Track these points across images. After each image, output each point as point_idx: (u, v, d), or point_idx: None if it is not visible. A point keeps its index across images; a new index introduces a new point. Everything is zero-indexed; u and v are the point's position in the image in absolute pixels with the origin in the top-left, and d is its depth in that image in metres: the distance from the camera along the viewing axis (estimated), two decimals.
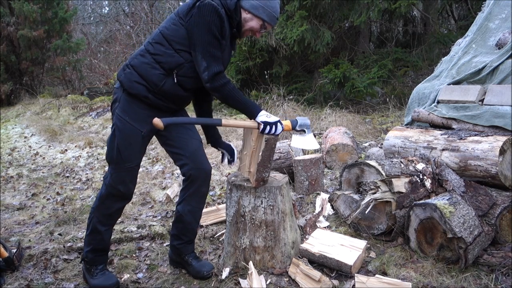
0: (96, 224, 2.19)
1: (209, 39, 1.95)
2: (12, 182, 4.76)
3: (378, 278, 1.96)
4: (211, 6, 1.94)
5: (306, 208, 3.13)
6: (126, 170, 2.11)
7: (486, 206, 2.32)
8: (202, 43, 1.95)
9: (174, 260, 2.41)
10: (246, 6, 2.06)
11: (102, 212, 2.18)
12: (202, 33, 1.95)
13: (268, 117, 2.02)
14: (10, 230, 3.16)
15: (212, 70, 1.96)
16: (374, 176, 2.54)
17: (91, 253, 2.23)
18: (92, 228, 2.21)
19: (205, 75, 1.96)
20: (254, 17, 2.08)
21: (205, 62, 1.96)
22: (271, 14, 2.10)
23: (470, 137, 2.55)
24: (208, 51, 1.96)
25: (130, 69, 2.07)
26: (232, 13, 2.05)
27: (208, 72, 1.96)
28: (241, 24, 2.11)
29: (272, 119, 2.02)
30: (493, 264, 2.13)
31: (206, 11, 1.93)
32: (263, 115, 2.02)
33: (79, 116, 8.52)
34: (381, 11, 6.85)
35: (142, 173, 4.69)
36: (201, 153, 2.24)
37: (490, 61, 2.92)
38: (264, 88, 7.14)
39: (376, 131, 5.43)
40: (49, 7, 11.18)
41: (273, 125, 2.01)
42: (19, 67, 11.26)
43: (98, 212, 2.18)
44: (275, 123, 2.01)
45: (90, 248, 2.23)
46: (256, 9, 2.06)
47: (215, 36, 1.96)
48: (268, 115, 2.03)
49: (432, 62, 7.29)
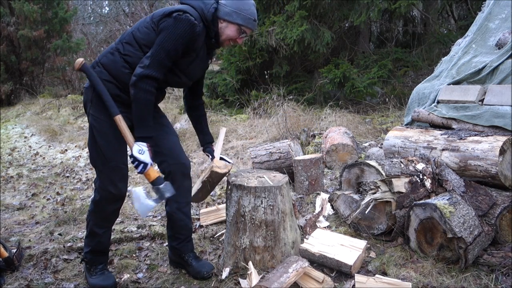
0: (93, 227, 2.21)
1: (168, 48, 1.95)
2: (12, 182, 4.76)
3: (378, 278, 1.96)
4: (188, 22, 1.95)
5: (306, 208, 3.13)
6: (112, 169, 2.10)
7: (486, 206, 2.32)
8: (160, 47, 1.95)
9: (174, 261, 2.41)
10: (221, 15, 2.07)
11: (98, 215, 2.19)
12: (166, 40, 1.95)
13: (141, 153, 1.96)
14: (10, 230, 3.16)
15: (148, 71, 1.93)
16: (374, 176, 2.54)
17: (90, 254, 2.26)
18: (89, 231, 2.23)
19: (139, 70, 1.94)
20: (229, 24, 2.08)
21: (148, 61, 1.95)
22: (246, 17, 2.08)
23: (470, 137, 2.55)
24: (160, 56, 1.95)
25: (100, 67, 2.09)
26: (210, 24, 2.07)
27: (144, 70, 1.94)
28: (218, 34, 2.12)
29: (143, 157, 1.95)
30: (493, 264, 2.13)
31: (181, 25, 1.95)
32: (139, 148, 1.95)
33: (79, 116, 8.51)
34: (381, 11, 6.84)
35: None
36: (178, 148, 2.26)
37: (490, 61, 2.92)
38: (264, 88, 7.14)
39: (376, 131, 5.43)
40: (49, 7, 11.17)
41: (139, 163, 1.95)
42: (19, 67, 11.25)
43: (94, 216, 2.20)
44: (142, 163, 1.95)
45: (89, 250, 2.25)
46: (229, 16, 2.06)
47: (176, 50, 1.97)
48: (143, 150, 1.96)
49: (432, 62, 7.29)
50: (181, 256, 2.33)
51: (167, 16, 1.99)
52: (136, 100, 1.96)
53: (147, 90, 1.95)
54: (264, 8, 7.33)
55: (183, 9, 2.00)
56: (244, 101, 7.16)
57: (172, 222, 2.32)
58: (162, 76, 1.99)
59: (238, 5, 2.06)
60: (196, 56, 2.09)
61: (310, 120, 5.80)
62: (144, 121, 1.98)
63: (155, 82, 1.97)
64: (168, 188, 2.02)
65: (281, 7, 7.20)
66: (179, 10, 1.98)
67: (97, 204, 2.16)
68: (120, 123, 2.00)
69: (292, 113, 5.93)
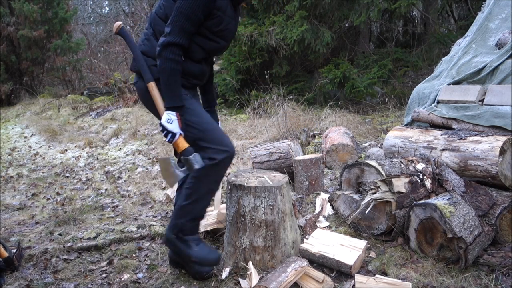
0: (206, 193, 2.11)
1: (187, 12, 1.89)
2: (12, 182, 4.76)
3: (378, 278, 1.96)
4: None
5: (306, 208, 3.13)
6: (213, 131, 2.06)
7: (486, 206, 2.32)
8: (178, 12, 1.90)
9: (174, 260, 2.39)
10: None
11: (212, 178, 2.09)
12: (184, 4, 1.90)
13: (170, 122, 1.93)
14: (10, 230, 3.16)
15: (170, 38, 1.90)
16: (374, 176, 2.54)
17: (190, 222, 2.13)
18: (198, 197, 2.09)
19: (162, 39, 1.91)
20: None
21: (169, 29, 1.91)
22: None
23: (470, 137, 2.55)
24: (180, 21, 1.90)
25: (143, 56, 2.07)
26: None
27: (166, 38, 1.90)
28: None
29: (171, 127, 1.93)
30: (493, 264, 2.13)
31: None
32: (167, 118, 1.93)
33: (79, 116, 8.52)
34: (381, 11, 6.84)
35: (142, 173, 4.69)
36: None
37: (490, 61, 2.92)
38: (264, 88, 7.14)
39: (376, 131, 5.43)
40: (49, 7, 11.17)
41: (168, 132, 1.93)
42: (19, 67, 11.25)
43: (207, 181, 2.07)
44: (171, 132, 1.93)
45: (189, 218, 2.12)
46: None
47: (195, 13, 1.90)
48: (171, 120, 1.93)
49: (432, 62, 7.29)
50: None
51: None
52: (162, 70, 1.92)
53: (172, 58, 1.91)
54: (264, 8, 7.33)
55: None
56: (244, 101, 7.16)
57: None
58: (186, 42, 1.94)
59: None
60: (223, 14, 2.01)
61: (310, 120, 5.80)
62: (172, 90, 1.95)
63: (179, 49, 1.92)
64: (197, 159, 1.97)
65: (281, 7, 7.19)
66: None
67: (213, 168, 2.03)
68: (153, 90, 1.99)
69: (292, 113, 5.93)
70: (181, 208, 2.12)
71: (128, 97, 8.98)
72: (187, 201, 2.10)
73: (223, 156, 2.03)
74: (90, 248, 2.72)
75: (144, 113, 7.58)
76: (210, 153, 2.02)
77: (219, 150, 2.03)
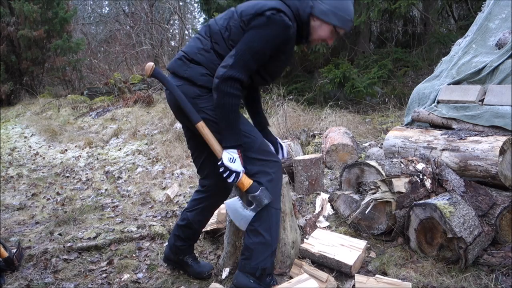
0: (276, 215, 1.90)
1: (257, 49, 1.77)
2: (12, 182, 4.76)
3: (378, 278, 1.96)
4: (283, 24, 1.76)
5: (306, 208, 3.13)
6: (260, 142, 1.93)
7: (486, 206, 2.32)
8: (247, 47, 1.77)
9: (170, 259, 2.34)
10: (316, 12, 1.86)
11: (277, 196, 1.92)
12: (255, 40, 1.77)
13: (232, 161, 1.79)
14: (10, 230, 3.16)
15: (232, 72, 1.75)
16: (374, 176, 2.54)
17: (271, 257, 1.90)
18: (270, 225, 1.88)
19: (222, 71, 1.77)
20: (323, 23, 1.87)
21: (232, 61, 1.77)
22: (343, 17, 1.87)
23: (470, 137, 2.55)
24: (245, 56, 1.76)
25: (195, 64, 1.92)
26: (304, 25, 1.88)
27: (227, 70, 1.76)
28: (309, 33, 1.92)
29: (235, 166, 1.79)
30: (493, 264, 2.13)
31: (274, 26, 1.76)
32: (229, 157, 1.78)
33: (79, 116, 8.52)
34: (381, 11, 6.84)
35: (142, 173, 4.69)
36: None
37: (490, 61, 2.92)
38: (264, 88, 7.14)
39: (376, 131, 5.43)
40: (49, 7, 11.17)
41: (231, 172, 1.79)
42: (19, 67, 11.25)
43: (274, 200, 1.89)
44: (235, 172, 1.79)
45: (269, 253, 1.89)
46: (325, 15, 1.85)
47: (264, 53, 1.79)
48: (234, 159, 1.79)
49: (432, 62, 7.29)
50: (181, 257, 2.29)
51: (259, 14, 1.79)
52: (220, 105, 1.77)
53: (232, 93, 1.75)
54: None
55: (277, 6, 1.79)
56: None
57: (188, 229, 2.21)
58: (246, 78, 1.80)
59: (336, 4, 1.85)
60: (286, 59, 1.93)
61: (310, 120, 5.80)
62: (232, 128, 1.79)
63: (239, 85, 1.78)
64: (265, 194, 1.84)
65: None
66: (273, 8, 1.78)
67: (273, 185, 1.88)
68: (204, 129, 1.84)
69: (292, 113, 5.94)
70: (257, 246, 1.86)
71: (128, 97, 8.98)
72: (261, 234, 1.86)
73: (275, 168, 1.91)
74: (90, 248, 2.72)
75: (144, 113, 7.58)
76: (259, 166, 1.87)
77: (269, 161, 1.90)
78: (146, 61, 13.58)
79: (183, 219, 2.22)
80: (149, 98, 8.37)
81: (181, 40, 14.23)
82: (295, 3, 1.85)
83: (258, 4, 1.83)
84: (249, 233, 1.87)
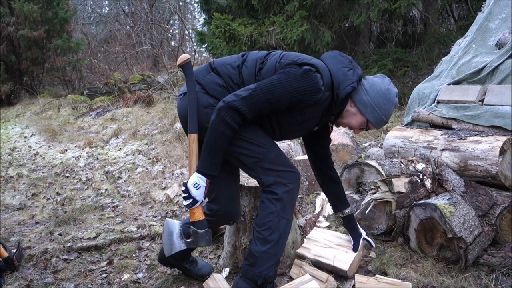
0: (286, 226, 1.82)
1: (275, 94, 1.66)
2: (12, 182, 4.76)
3: (378, 278, 1.96)
4: (314, 84, 1.66)
5: (306, 208, 3.13)
6: (275, 153, 1.82)
7: (486, 206, 2.32)
8: (267, 87, 1.67)
9: (166, 262, 2.28)
10: (355, 99, 1.78)
11: (289, 208, 1.83)
12: (279, 84, 1.67)
13: (196, 187, 1.69)
14: (10, 230, 3.16)
15: (239, 104, 1.65)
16: (374, 176, 2.54)
17: (274, 266, 1.84)
18: (280, 235, 1.81)
19: (230, 98, 1.68)
20: (358, 113, 1.79)
21: (245, 94, 1.68)
22: (380, 117, 1.78)
23: (470, 137, 2.55)
24: (260, 96, 1.66)
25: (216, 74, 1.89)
26: (339, 102, 1.78)
27: (235, 100, 1.66)
28: (341, 113, 1.83)
29: (196, 193, 1.70)
30: (493, 264, 2.13)
31: (305, 81, 1.66)
32: (195, 182, 1.69)
33: (79, 116, 8.52)
34: (381, 11, 6.84)
35: (142, 173, 4.69)
36: (237, 197, 2.06)
37: (490, 61, 2.92)
38: None
39: (376, 131, 5.43)
40: (49, 7, 11.18)
41: (189, 196, 1.71)
42: (19, 67, 11.26)
43: (284, 212, 1.79)
44: (192, 198, 1.71)
45: (273, 262, 1.82)
46: (364, 106, 1.77)
47: (280, 101, 1.67)
48: (199, 185, 1.69)
49: (432, 62, 7.28)
50: (178, 263, 2.24)
51: (297, 64, 1.71)
52: (213, 129, 1.67)
53: (229, 124, 1.66)
54: (264, 8, 7.33)
55: (319, 67, 1.71)
56: None
57: None
58: (251, 117, 1.70)
59: (379, 101, 1.76)
60: (301, 121, 1.81)
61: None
62: (212, 156, 1.70)
63: (240, 119, 1.67)
64: (207, 237, 1.77)
65: (281, 7, 7.19)
66: (313, 66, 1.70)
67: (289, 195, 1.80)
68: (192, 143, 1.78)
69: None
70: (262, 255, 1.79)
71: (128, 97, 8.98)
72: (268, 244, 1.79)
73: (292, 179, 1.81)
74: (90, 248, 2.72)
75: (144, 113, 7.58)
76: (275, 176, 1.78)
77: (285, 172, 1.80)
78: (146, 61, 13.62)
79: None
80: (149, 98, 8.37)
81: (181, 40, 14.24)
82: (339, 76, 1.75)
83: (302, 57, 1.77)
84: (256, 240, 1.81)
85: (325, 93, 1.72)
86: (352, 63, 1.82)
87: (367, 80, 1.82)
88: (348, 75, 1.76)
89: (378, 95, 1.77)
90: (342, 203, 2.16)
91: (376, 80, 1.81)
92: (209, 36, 8.21)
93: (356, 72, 1.79)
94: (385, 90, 1.78)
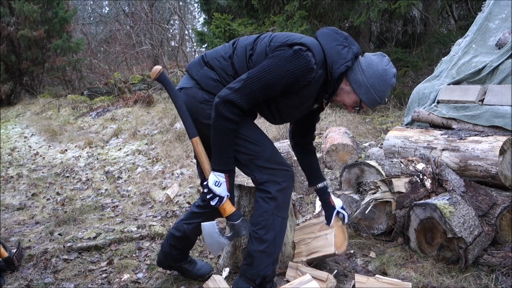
0: (281, 225, 1.84)
1: (268, 80, 1.65)
2: (12, 182, 4.76)
3: (378, 278, 1.96)
4: (305, 63, 1.64)
5: (306, 208, 3.13)
6: (270, 151, 1.82)
7: (486, 206, 2.32)
8: (259, 75, 1.66)
9: (165, 264, 2.27)
10: (350, 77, 1.75)
11: (284, 206, 1.84)
12: (270, 70, 1.65)
13: (218, 185, 1.71)
14: (10, 230, 3.16)
15: (234, 97, 1.65)
16: (374, 176, 2.54)
17: (272, 265, 1.86)
18: (276, 233, 1.82)
19: (225, 92, 1.68)
20: (352, 92, 1.76)
21: (239, 85, 1.67)
22: (374, 98, 1.75)
23: (470, 137, 2.55)
24: (254, 85, 1.65)
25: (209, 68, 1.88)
26: (333, 81, 1.74)
27: (230, 93, 1.66)
28: (335, 91, 1.80)
29: (219, 190, 1.71)
30: (493, 264, 2.13)
31: (296, 62, 1.64)
32: (215, 180, 1.71)
33: (79, 116, 8.52)
34: (381, 11, 6.84)
35: (142, 173, 4.69)
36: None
37: (490, 61, 2.92)
38: None
39: (376, 131, 5.43)
40: (49, 7, 11.19)
41: (214, 196, 1.72)
42: (19, 67, 11.26)
43: (278, 211, 1.80)
44: (218, 196, 1.72)
45: (271, 261, 1.84)
46: (358, 86, 1.74)
47: (275, 86, 1.66)
48: (220, 182, 1.71)
49: (432, 62, 7.29)
50: (178, 264, 2.23)
51: (287, 45, 1.68)
52: (215, 127, 1.68)
53: (229, 117, 1.66)
54: (264, 8, 7.34)
55: (310, 45, 1.67)
56: None
57: (185, 241, 2.14)
58: (248, 107, 1.69)
59: (375, 82, 1.72)
60: (299, 102, 1.80)
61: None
62: (223, 152, 1.71)
63: (238, 111, 1.67)
64: (245, 225, 1.78)
65: (281, 7, 7.20)
66: (303, 44, 1.66)
67: (282, 194, 1.80)
68: (198, 146, 1.77)
69: None
70: (259, 254, 1.81)
71: (128, 97, 8.99)
72: (265, 243, 1.80)
73: (286, 177, 1.81)
74: (90, 248, 2.72)
75: (144, 113, 7.59)
76: (268, 175, 1.78)
77: (279, 170, 1.80)
78: (146, 61, 13.61)
79: (178, 230, 2.11)
80: (149, 98, 8.37)
81: (181, 40, 14.23)
82: (333, 54, 1.70)
83: (292, 36, 1.73)
84: (253, 240, 1.82)
85: (318, 71, 1.68)
86: (348, 39, 1.76)
87: (365, 58, 1.77)
88: (342, 53, 1.70)
89: (375, 75, 1.72)
90: (318, 177, 2.14)
91: (374, 59, 1.75)
92: (209, 36, 8.21)
93: (352, 50, 1.73)
94: (382, 71, 1.73)
